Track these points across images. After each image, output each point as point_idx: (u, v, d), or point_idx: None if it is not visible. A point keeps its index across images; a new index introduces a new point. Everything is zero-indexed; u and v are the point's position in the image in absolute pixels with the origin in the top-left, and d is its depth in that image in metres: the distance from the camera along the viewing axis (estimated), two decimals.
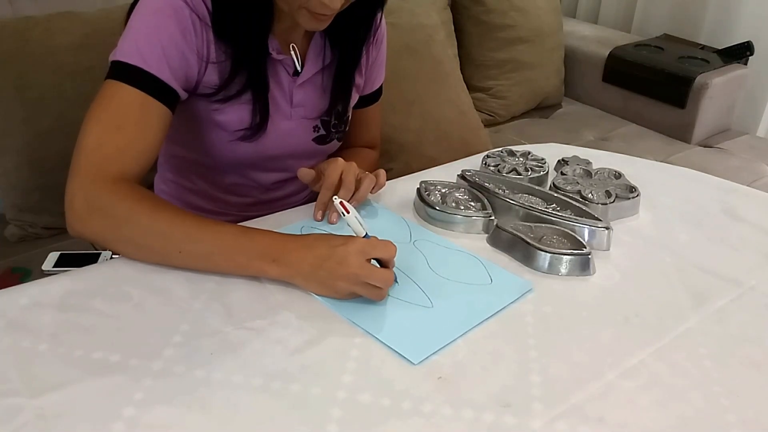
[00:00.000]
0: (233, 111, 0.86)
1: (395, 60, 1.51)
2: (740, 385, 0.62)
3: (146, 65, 0.75)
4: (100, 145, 0.73)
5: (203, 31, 0.80)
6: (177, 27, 0.77)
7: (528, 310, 0.71)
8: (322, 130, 0.96)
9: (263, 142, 0.90)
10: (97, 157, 0.73)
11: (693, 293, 0.75)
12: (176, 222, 0.71)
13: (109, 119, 0.75)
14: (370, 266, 0.67)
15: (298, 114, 0.93)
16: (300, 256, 0.69)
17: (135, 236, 0.72)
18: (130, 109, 0.75)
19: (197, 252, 0.71)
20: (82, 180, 0.72)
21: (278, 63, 0.88)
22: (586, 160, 1.03)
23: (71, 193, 0.72)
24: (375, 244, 0.69)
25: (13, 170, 1.24)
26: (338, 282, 0.67)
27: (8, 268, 1.20)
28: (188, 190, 1.01)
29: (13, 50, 1.20)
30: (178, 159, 0.99)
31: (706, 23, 2.15)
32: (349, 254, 0.67)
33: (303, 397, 0.58)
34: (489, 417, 0.57)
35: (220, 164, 0.94)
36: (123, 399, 0.56)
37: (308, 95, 0.93)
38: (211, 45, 0.81)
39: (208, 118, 0.87)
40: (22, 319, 0.65)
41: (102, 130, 0.74)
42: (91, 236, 0.72)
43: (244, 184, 0.99)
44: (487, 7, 1.90)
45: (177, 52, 0.78)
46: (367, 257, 0.68)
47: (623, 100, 2.04)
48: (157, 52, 0.76)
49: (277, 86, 0.90)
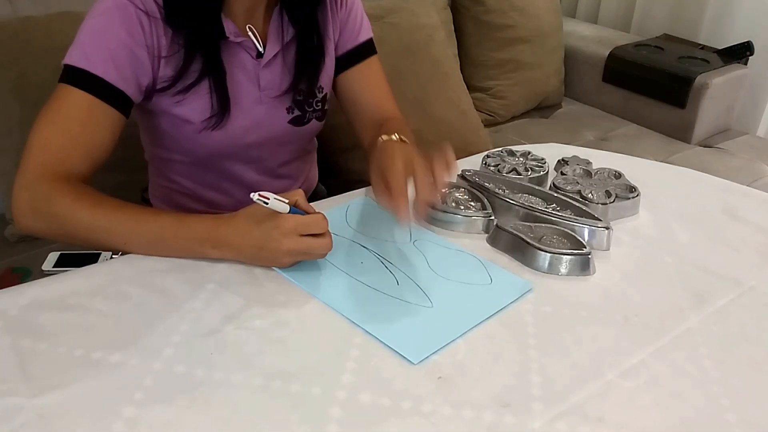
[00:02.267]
0: (194, 101, 0.86)
1: (395, 60, 1.52)
2: (740, 385, 0.62)
3: (92, 68, 0.77)
4: (46, 146, 0.77)
5: (152, 26, 0.80)
6: (122, 26, 0.78)
7: (528, 310, 0.71)
8: (297, 110, 0.95)
9: (235, 129, 0.90)
10: (42, 156, 0.76)
11: (693, 293, 0.75)
12: (116, 216, 0.74)
13: (57, 121, 0.77)
14: (306, 240, 0.71)
15: (268, 96, 0.92)
16: (237, 241, 0.73)
17: (78, 232, 0.74)
18: (76, 112, 0.77)
19: (140, 242, 0.75)
20: (27, 179, 0.75)
21: (238, 47, 0.88)
22: (586, 160, 1.03)
23: (16, 192, 0.75)
24: (307, 223, 0.71)
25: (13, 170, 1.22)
26: (281, 259, 0.73)
27: (8, 268, 1.20)
28: (177, 192, 1.01)
29: (13, 50, 1.19)
30: (162, 161, 0.99)
31: (704, 23, 2.15)
32: (283, 236, 0.70)
33: (303, 397, 0.58)
34: (489, 417, 0.57)
35: (198, 160, 0.94)
36: (123, 399, 0.56)
37: (275, 76, 0.92)
38: (162, 39, 0.81)
39: (171, 112, 0.87)
40: (22, 319, 0.65)
41: (48, 131, 0.77)
42: (37, 233, 0.76)
43: (229, 181, 0.99)
44: (487, 7, 1.90)
45: (125, 51, 0.79)
46: (300, 234, 0.71)
47: (623, 100, 2.04)
48: (103, 55, 0.78)
49: (242, 70, 0.89)
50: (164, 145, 0.93)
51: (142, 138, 0.99)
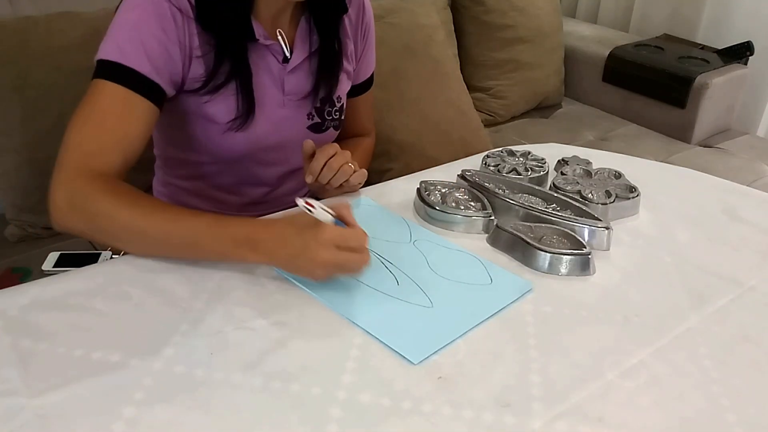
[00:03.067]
0: (221, 101, 0.86)
1: (395, 60, 1.52)
2: (740, 385, 0.62)
3: (126, 61, 0.77)
4: (83, 142, 0.75)
5: (185, 25, 0.80)
6: (157, 22, 0.78)
7: (528, 310, 0.71)
8: (317, 117, 0.97)
9: (257, 131, 0.90)
10: (79, 153, 0.75)
11: (693, 293, 0.75)
12: (154, 217, 0.72)
13: (92, 116, 0.76)
14: (343, 253, 0.69)
15: (290, 101, 0.93)
16: (275, 246, 0.71)
17: (115, 231, 0.73)
18: (112, 105, 0.77)
19: (177, 244, 0.73)
20: (65, 176, 0.74)
21: (266, 49, 0.89)
22: (586, 160, 1.03)
23: (54, 188, 0.73)
24: (347, 237, 0.70)
25: (13, 170, 1.24)
26: (316, 270, 0.69)
27: (8, 268, 1.20)
28: (185, 191, 1.01)
29: (13, 50, 1.20)
30: (175, 161, 0.99)
31: (704, 23, 2.15)
32: (321, 247, 0.68)
33: (303, 397, 0.58)
34: (489, 417, 0.57)
35: (217, 160, 0.94)
36: (123, 399, 0.56)
37: (300, 82, 0.93)
38: (194, 38, 0.82)
39: (198, 112, 0.87)
40: (22, 319, 0.65)
41: (85, 126, 0.76)
42: (74, 231, 0.74)
43: (243, 182, 0.99)
44: (487, 7, 1.90)
45: (158, 47, 0.78)
46: (338, 246, 0.69)
47: (623, 100, 2.04)
48: (137, 48, 0.77)
49: (267, 73, 0.90)
50: (183, 144, 0.93)
51: (154, 135, 0.99)
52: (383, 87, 1.45)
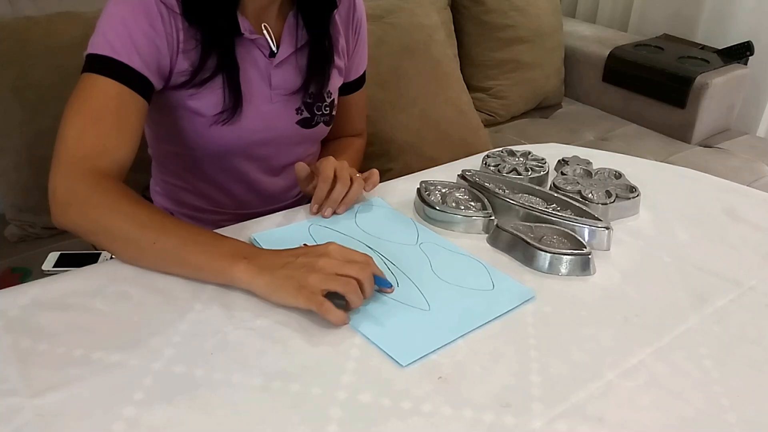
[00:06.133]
0: (207, 95, 0.87)
1: (395, 60, 1.52)
2: (740, 385, 0.62)
3: (116, 55, 0.77)
4: (81, 137, 0.75)
5: (172, 19, 0.81)
6: (144, 16, 0.79)
7: (528, 310, 0.71)
8: (306, 112, 0.97)
9: (245, 125, 0.91)
10: (79, 149, 0.75)
11: (693, 293, 0.75)
12: (154, 215, 0.72)
13: (88, 111, 0.76)
14: (346, 264, 0.67)
15: (278, 96, 0.93)
16: (270, 256, 0.69)
17: (115, 227, 0.71)
18: (107, 100, 0.77)
19: (170, 243, 0.70)
20: (65, 172, 0.73)
21: (252, 44, 0.89)
22: (586, 160, 1.03)
23: (54, 184, 0.73)
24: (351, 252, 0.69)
25: (12, 170, 1.24)
26: (310, 275, 0.65)
27: (8, 268, 1.20)
28: (181, 188, 1.02)
29: (13, 50, 1.20)
30: (168, 156, 0.99)
31: (703, 23, 2.15)
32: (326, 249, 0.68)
33: (303, 397, 0.58)
34: (489, 417, 0.57)
35: (207, 154, 0.94)
36: (123, 399, 0.56)
37: (287, 76, 0.93)
38: (181, 33, 0.82)
39: (184, 105, 0.87)
40: (22, 319, 0.65)
41: (82, 121, 0.76)
42: (74, 227, 0.73)
43: (235, 177, 0.99)
44: (487, 7, 1.90)
45: (146, 41, 0.79)
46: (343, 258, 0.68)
47: (623, 100, 2.04)
48: (125, 42, 0.77)
49: (254, 68, 0.90)
50: (172, 139, 0.94)
51: (147, 134, 0.99)
52: (383, 87, 1.45)
